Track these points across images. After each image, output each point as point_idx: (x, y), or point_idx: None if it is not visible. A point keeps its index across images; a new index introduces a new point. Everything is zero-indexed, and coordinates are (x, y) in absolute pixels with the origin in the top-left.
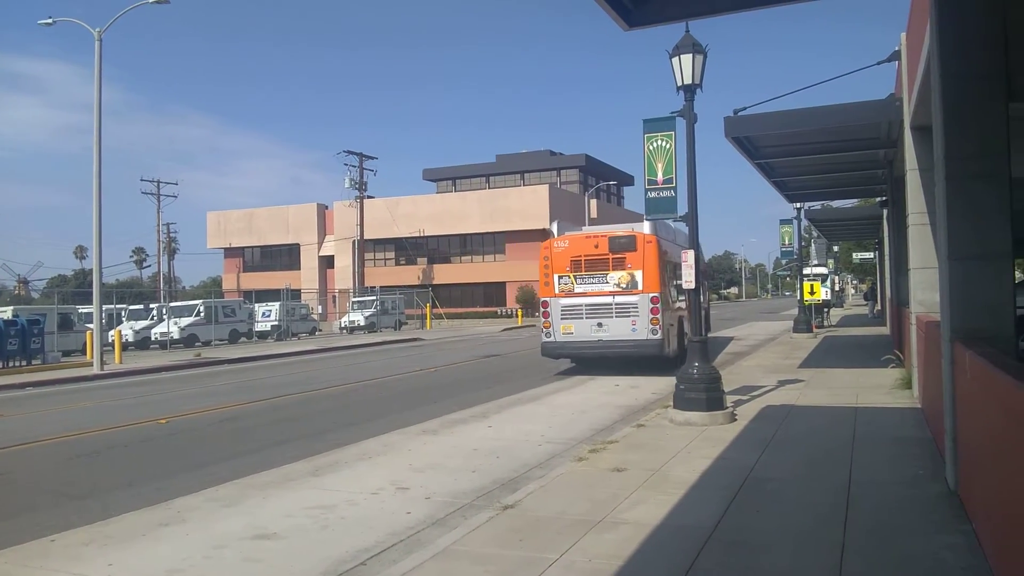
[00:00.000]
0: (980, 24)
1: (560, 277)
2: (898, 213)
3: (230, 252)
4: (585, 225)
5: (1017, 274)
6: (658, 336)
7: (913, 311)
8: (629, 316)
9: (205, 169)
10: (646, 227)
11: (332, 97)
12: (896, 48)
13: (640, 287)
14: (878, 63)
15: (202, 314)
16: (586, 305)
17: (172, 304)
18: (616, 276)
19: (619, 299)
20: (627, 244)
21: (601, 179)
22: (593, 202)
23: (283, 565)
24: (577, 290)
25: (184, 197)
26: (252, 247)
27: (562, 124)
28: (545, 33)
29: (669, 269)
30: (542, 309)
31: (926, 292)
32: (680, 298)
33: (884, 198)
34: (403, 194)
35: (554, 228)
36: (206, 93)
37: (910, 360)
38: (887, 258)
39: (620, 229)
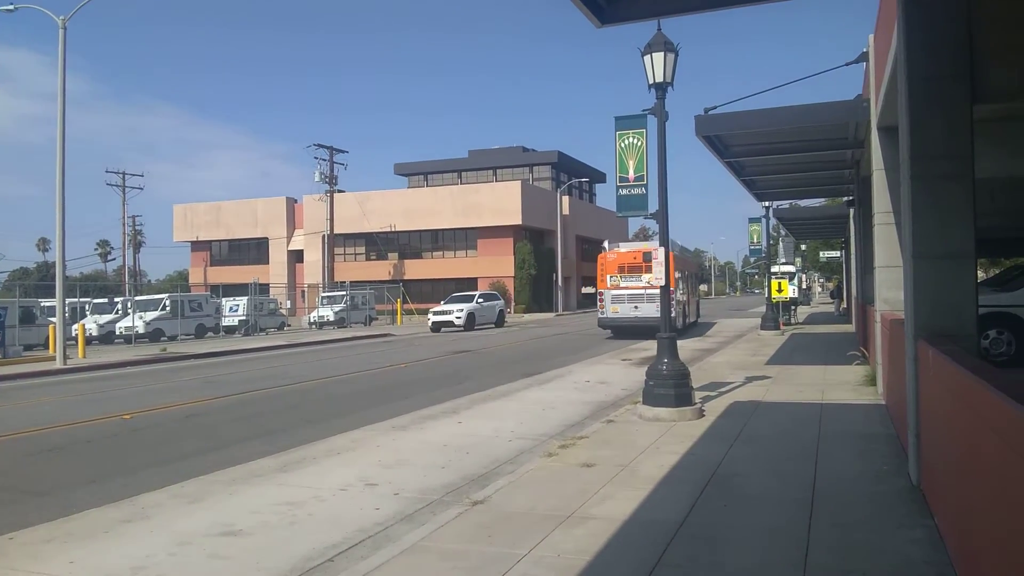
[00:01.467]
0: (946, 27)
1: (611, 277)
2: (864, 212)
3: (197, 245)
4: (557, 219)
5: (980, 274)
6: (672, 315)
7: (878, 309)
8: (655, 302)
9: (172, 161)
10: (657, 244)
11: (303, 90)
12: (864, 50)
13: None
14: (846, 64)
15: (168, 308)
16: (627, 295)
17: (137, 298)
18: (647, 276)
19: (648, 291)
20: (650, 255)
21: (573, 176)
22: (565, 199)
23: (250, 562)
24: (622, 285)
25: (150, 189)
26: (220, 241)
27: (535, 121)
28: (517, 27)
29: (679, 274)
30: (599, 298)
31: (891, 290)
32: (683, 291)
33: (851, 198)
34: (374, 188)
35: (606, 245)
36: (174, 83)
37: (875, 357)
38: (853, 257)
39: (650, 245)
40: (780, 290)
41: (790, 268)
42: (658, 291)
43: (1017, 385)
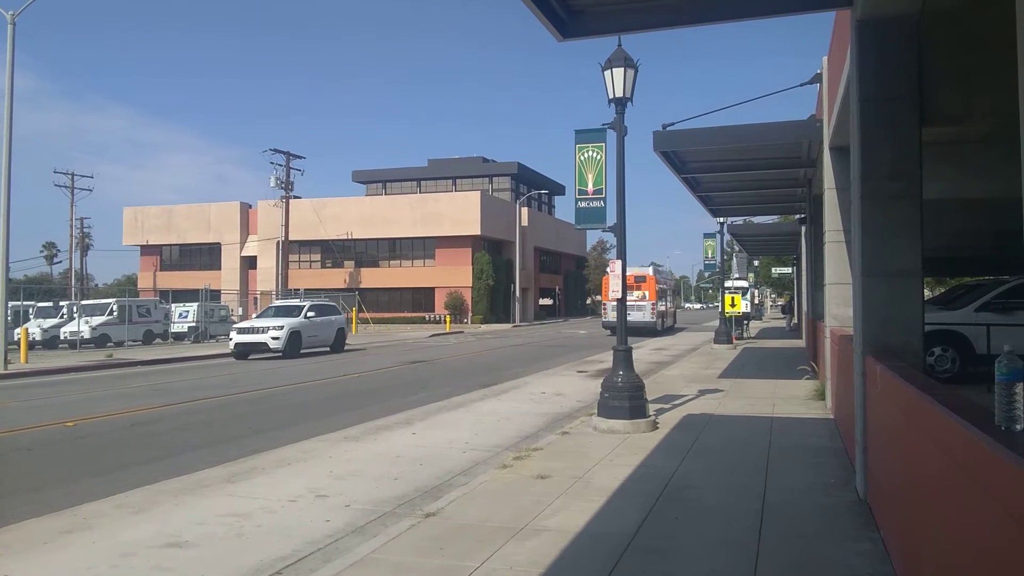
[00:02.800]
0: (897, 52)
1: (610, 291)
2: (816, 230)
3: (147, 250)
4: (516, 231)
5: (926, 292)
6: (654, 320)
7: (828, 325)
8: (643, 311)
9: (123, 162)
10: (650, 270)
11: (259, 94)
12: (818, 71)
13: (647, 297)
14: (801, 85)
15: (115, 313)
16: (630, 302)
17: (83, 302)
18: (637, 293)
19: (638, 303)
20: (642, 278)
21: (533, 188)
22: (524, 210)
23: (195, 574)
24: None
25: (100, 191)
26: (170, 245)
27: (496, 132)
28: (479, 38)
29: (659, 291)
30: (603, 307)
31: (840, 307)
32: (662, 303)
33: (803, 215)
34: (331, 196)
35: (609, 269)
36: (127, 83)
37: (824, 372)
38: (804, 273)
39: (641, 270)
40: (733, 305)
41: (743, 283)
42: (646, 303)
43: (961, 402)
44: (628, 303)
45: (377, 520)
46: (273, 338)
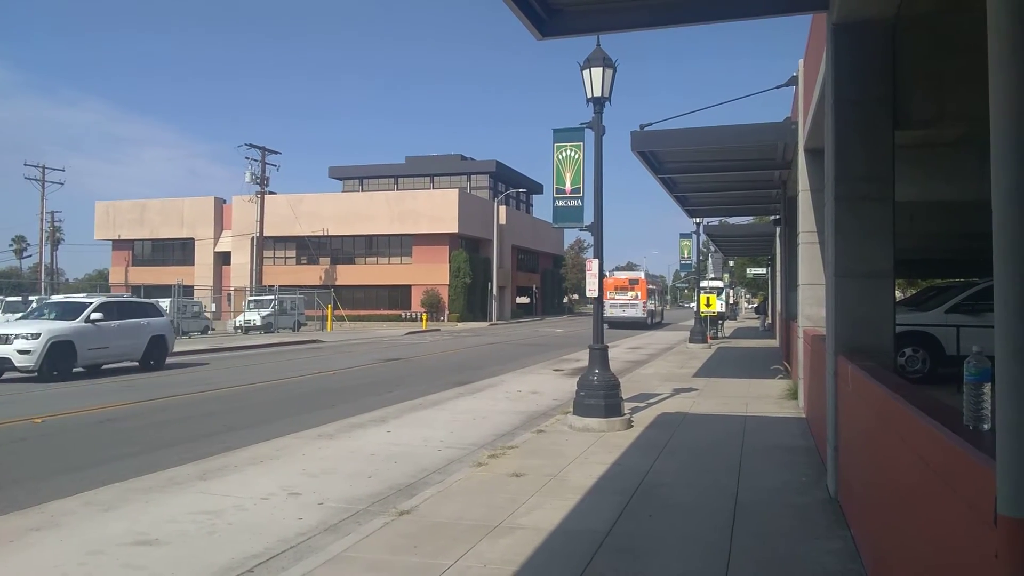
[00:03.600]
0: (872, 56)
1: (609, 292)
2: (790, 231)
3: (119, 244)
4: (494, 229)
5: (898, 294)
6: (645, 316)
7: (801, 325)
8: (636, 308)
9: (96, 156)
10: (642, 275)
11: (235, 89)
12: (794, 74)
13: (639, 297)
14: (777, 87)
15: None
16: (618, 303)
17: (54, 297)
18: (630, 294)
19: (631, 301)
20: (635, 281)
21: (511, 186)
22: (502, 209)
23: (165, 573)
24: (616, 298)
25: (72, 185)
26: (143, 240)
27: (474, 130)
28: (459, 36)
29: (649, 291)
30: (604, 302)
31: (813, 307)
32: (652, 301)
33: (778, 217)
34: (308, 192)
35: (607, 273)
36: (102, 77)
37: (797, 372)
38: (778, 274)
39: (634, 274)
40: (708, 304)
41: (718, 283)
42: (638, 302)
43: (931, 402)
44: (623, 302)
45: (351, 518)
46: (21, 351)
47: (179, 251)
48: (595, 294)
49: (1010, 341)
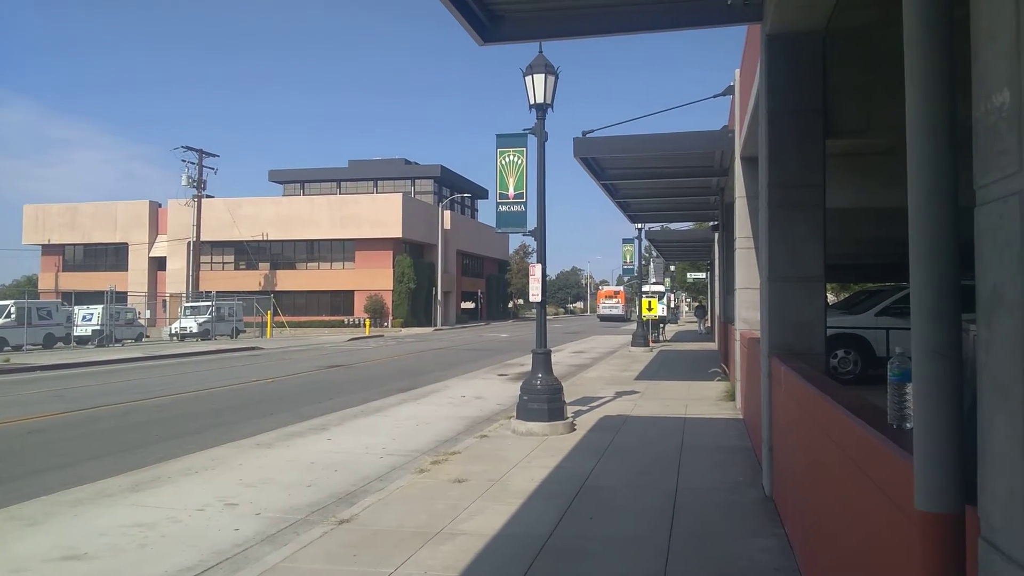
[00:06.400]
0: (803, 66)
1: (601, 299)
2: (728, 237)
3: (48, 249)
4: (439, 234)
5: (833, 297)
6: (624, 313)
7: (738, 328)
8: (618, 308)
9: (26, 158)
10: (622, 288)
11: (172, 91)
12: (731, 83)
13: (620, 301)
14: (714, 96)
15: (13, 315)
16: (608, 305)
17: None
18: (614, 299)
19: (615, 304)
20: (617, 291)
21: (456, 191)
22: (447, 213)
23: None
24: (606, 301)
25: None
26: (74, 245)
27: (418, 134)
28: (403, 41)
29: (627, 297)
30: (600, 303)
31: (750, 311)
32: (627, 304)
33: (716, 223)
34: (247, 196)
35: (601, 286)
36: (31, 76)
37: (734, 374)
38: (717, 278)
39: (616, 288)
40: (650, 309)
41: (660, 288)
42: (620, 304)
43: (857, 401)
44: (610, 304)
45: (289, 528)
46: None
47: (112, 256)
48: (539, 299)
49: (924, 342)
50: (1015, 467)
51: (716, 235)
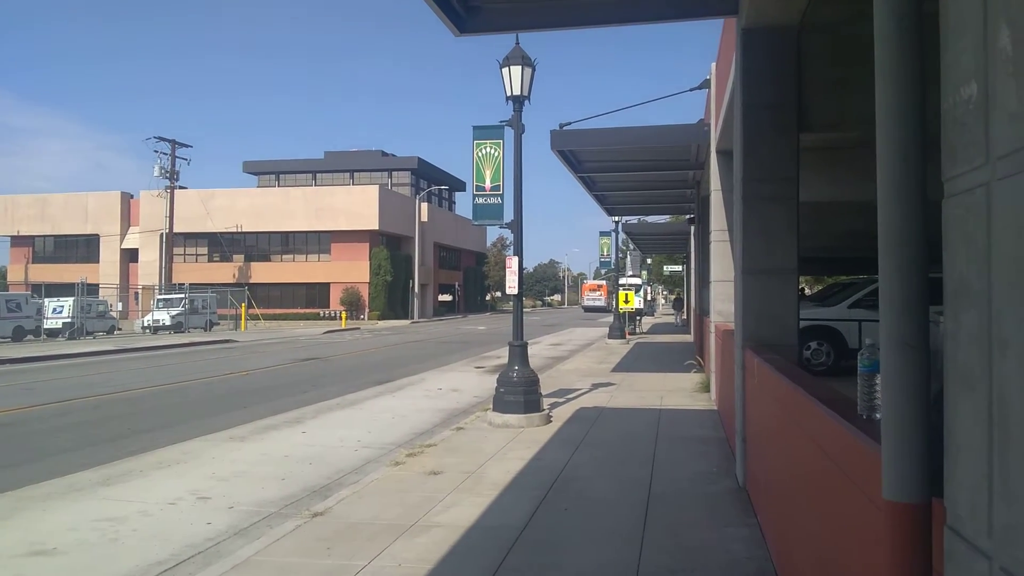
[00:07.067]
0: (778, 60)
1: (587, 291)
2: (703, 230)
3: (17, 240)
4: (416, 226)
5: (806, 290)
6: (606, 305)
7: (713, 320)
8: (601, 300)
9: None
10: (605, 282)
11: (146, 79)
12: (707, 77)
13: (603, 294)
14: (691, 89)
15: None
16: (593, 296)
17: None
18: (598, 292)
19: (599, 296)
20: (601, 285)
21: (433, 183)
22: (424, 206)
23: None
24: (591, 294)
25: None
26: (44, 236)
27: (395, 126)
28: (381, 33)
29: (608, 290)
30: (583, 297)
31: (724, 303)
32: (610, 296)
33: (692, 216)
34: (221, 187)
35: (586, 280)
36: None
37: (709, 365)
38: (693, 271)
39: (600, 282)
40: (627, 301)
41: (636, 280)
42: (603, 296)
43: (828, 392)
44: (595, 297)
45: (262, 521)
46: None
47: (83, 248)
48: (515, 291)
49: (892, 333)
50: (980, 457)
51: (692, 228)
